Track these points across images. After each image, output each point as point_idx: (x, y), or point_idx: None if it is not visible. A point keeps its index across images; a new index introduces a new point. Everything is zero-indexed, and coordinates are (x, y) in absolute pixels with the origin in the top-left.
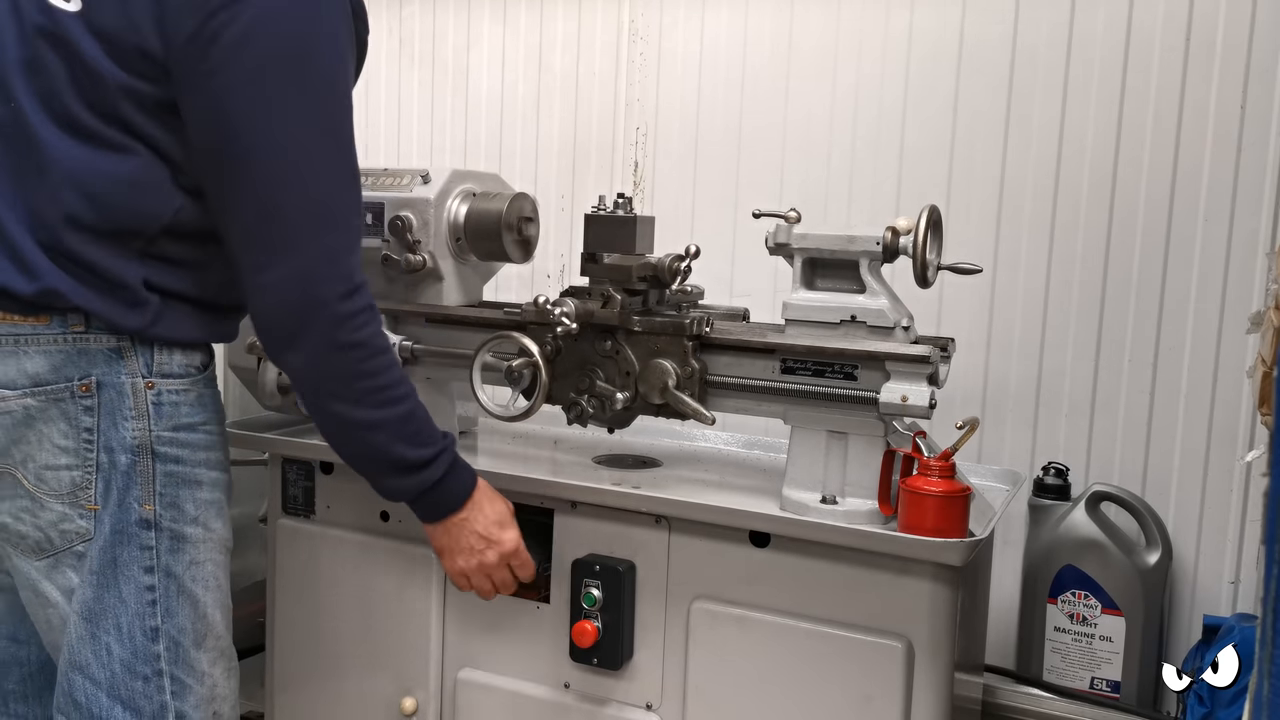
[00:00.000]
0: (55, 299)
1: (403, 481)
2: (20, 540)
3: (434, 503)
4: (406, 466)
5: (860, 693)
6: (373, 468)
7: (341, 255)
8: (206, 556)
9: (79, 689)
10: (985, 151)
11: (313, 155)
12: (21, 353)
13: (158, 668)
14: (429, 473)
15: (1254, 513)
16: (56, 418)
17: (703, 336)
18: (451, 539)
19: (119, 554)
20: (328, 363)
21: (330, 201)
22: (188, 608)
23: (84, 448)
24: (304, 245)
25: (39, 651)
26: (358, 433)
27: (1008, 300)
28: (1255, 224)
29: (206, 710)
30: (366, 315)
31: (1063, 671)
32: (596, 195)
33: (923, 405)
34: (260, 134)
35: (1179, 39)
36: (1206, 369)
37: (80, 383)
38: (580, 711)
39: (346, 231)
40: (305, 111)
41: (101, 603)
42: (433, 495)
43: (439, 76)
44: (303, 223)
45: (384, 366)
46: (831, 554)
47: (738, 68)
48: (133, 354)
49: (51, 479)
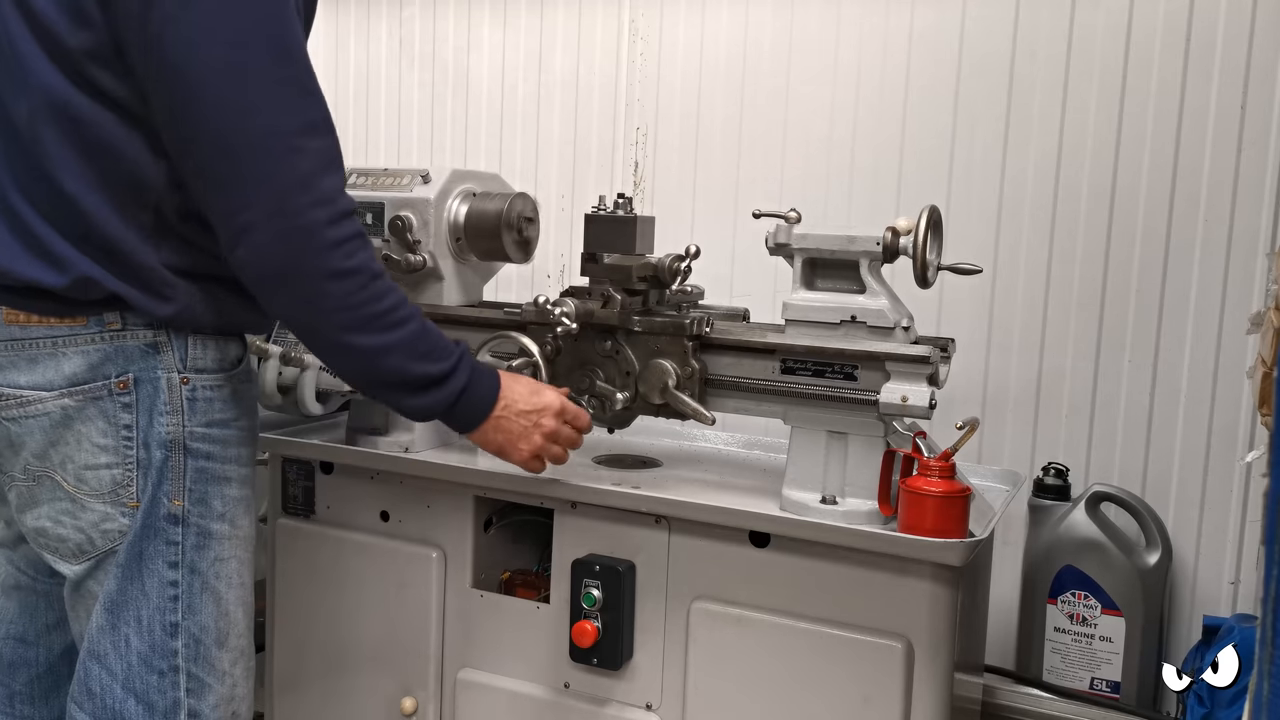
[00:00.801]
0: (90, 289)
1: (430, 398)
2: (60, 544)
3: (468, 410)
4: (429, 383)
5: (860, 693)
6: (396, 393)
7: (315, 179)
8: (231, 554)
9: (95, 678)
10: (985, 151)
11: (264, 78)
12: (60, 354)
13: (174, 664)
14: (453, 383)
15: (1254, 513)
16: (95, 416)
17: (703, 336)
18: (503, 433)
19: (145, 548)
20: (325, 294)
21: (289, 124)
22: (211, 605)
23: (124, 445)
24: (273, 175)
25: (47, 653)
26: (372, 360)
27: (1008, 300)
28: (1255, 224)
29: (225, 710)
30: (358, 242)
31: (1063, 672)
32: (596, 195)
33: (923, 405)
34: (203, 62)
35: (1179, 39)
36: (1206, 369)
37: (118, 380)
38: (580, 712)
39: (315, 154)
40: (248, 32)
41: (124, 594)
42: (464, 403)
43: (439, 77)
44: (265, 151)
45: (384, 290)
46: (831, 554)
47: (738, 68)
48: (169, 348)
49: (92, 479)
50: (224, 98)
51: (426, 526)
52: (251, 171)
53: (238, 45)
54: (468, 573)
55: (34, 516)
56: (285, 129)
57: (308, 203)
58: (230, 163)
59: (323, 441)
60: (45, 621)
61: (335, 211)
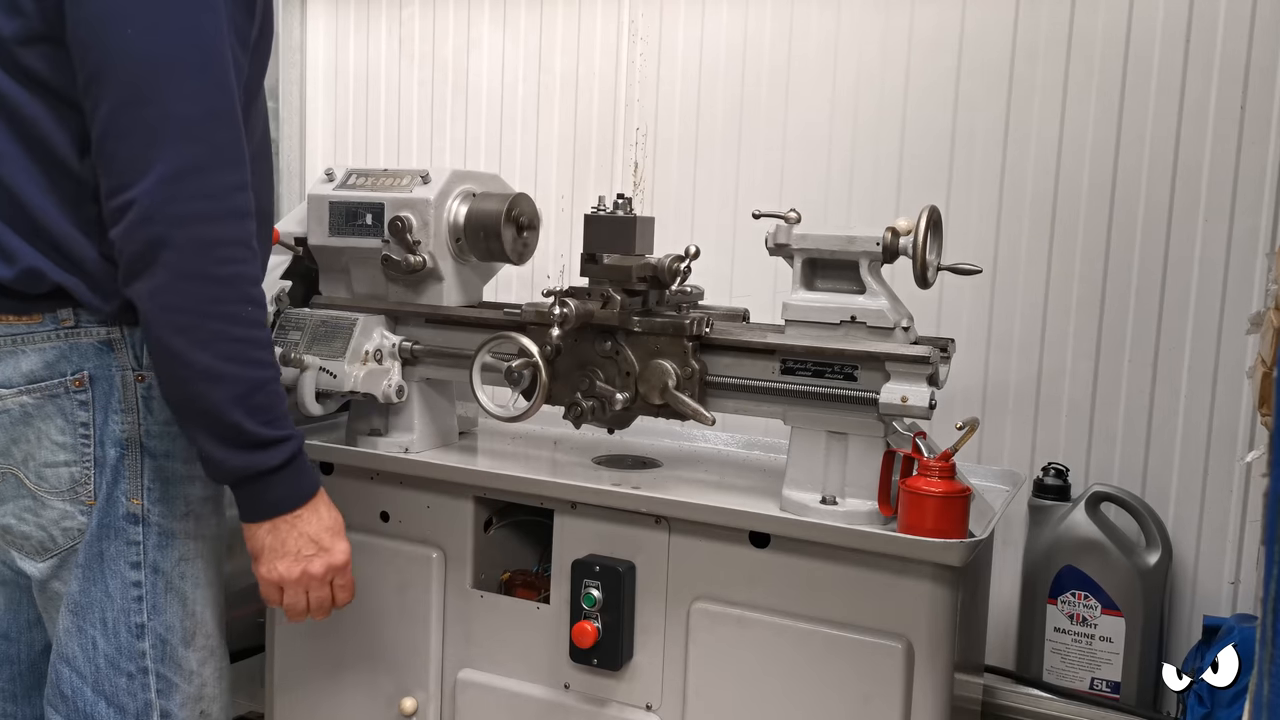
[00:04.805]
0: (37, 281)
1: (232, 456)
2: (24, 541)
3: (264, 494)
4: (240, 439)
5: (860, 693)
6: (200, 426)
7: (207, 171)
8: (197, 553)
9: (66, 681)
10: (985, 151)
11: (171, 63)
12: (19, 352)
13: (142, 665)
14: (265, 456)
15: (1254, 513)
16: (53, 414)
17: (703, 337)
18: (277, 539)
19: (105, 548)
20: (178, 290)
21: (188, 111)
22: (176, 605)
23: (81, 443)
24: (162, 159)
25: (28, 650)
26: (192, 378)
27: (1008, 300)
28: (1255, 224)
29: (194, 709)
30: (241, 252)
31: (1063, 672)
32: (596, 195)
33: (922, 406)
34: (113, 40)
35: (1179, 39)
36: (1206, 369)
37: (73, 377)
38: (580, 712)
39: (212, 146)
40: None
41: (88, 596)
42: (264, 484)
43: (439, 76)
44: (160, 135)
45: (250, 320)
46: (831, 554)
47: (738, 68)
48: (123, 346)
49: (51, 476)
50: (127, 79)
51: (426, 527)
52: (143, 153)
53: (147, 29)
54: (468, 573)
55: (0, 514)
56: (183, 115)
57: (190, 192)
58: (125, 143)
59: (323, 442)
60: (27, 617)
61: (220, 208)
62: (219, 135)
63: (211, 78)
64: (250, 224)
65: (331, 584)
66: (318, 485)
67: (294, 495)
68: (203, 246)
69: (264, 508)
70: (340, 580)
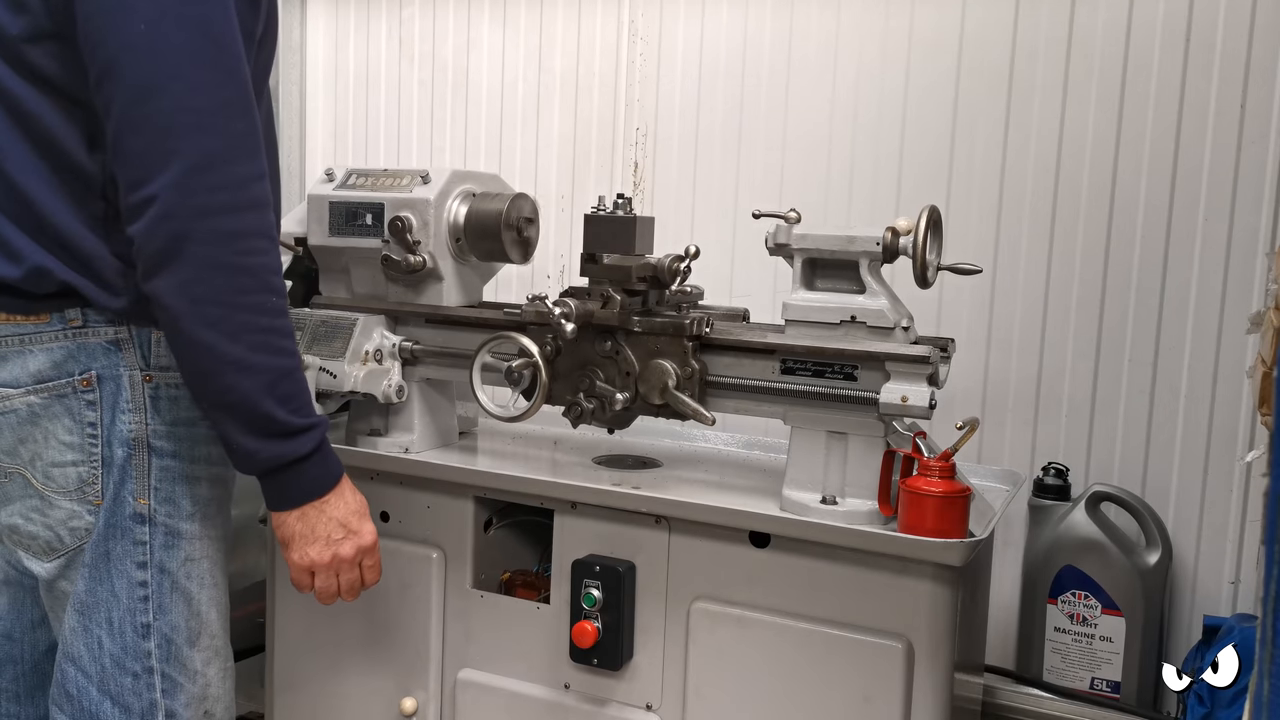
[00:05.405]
0: (44, 280)
1: (263, 446)
2: (31, 541)
3: (295, 482)
4: (271, 429)
5: (860, 693)
6: (230, 418)
7: (225, 163)
8: (203, 554)
9: (71, 681)
10: (985, 151)
11: (182, 55)
12: (27, 352)
13: (148, 665)
14: (295, 444)
15: (1254, 513)
16: (61, 414)
17: (703, 337)
18: (306, 525)
19: (112, 548)
20: (205, 283)
21: (202, 103)
22: (181, 605)
23: (89, 443)
24: (180, 151)
25: (32, 650)
26: (223, 370)
27: (1008, 300)
28: (1255, 223)
29: (198, 709)
30: (262, 243)
31: (1063, 672)
32: (596, 195)
33: (923, 405)
34: (123, 33)
35: (1179, 39)
36: (1206, 369)
37: (81, 377)
38: (580, 712)
39: (229, 137)
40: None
41: (94, 595)
42: (294, 472)
43: (439, 76)
44: (175, 128)
45: (275, 309)
46: (831, 554)
47: (738, 68)
48: (130, 346)
49: (59, 476)
50: (138, 72)
51: (426, 527)
52: (160, 147)
53: (155, 20)
54: (468, 573)
55: (7, 514)
56: (197, 107)
57: (210, 184)
58: (141, 138)
59: None
60: (31, 618)
61: (241, 199)
62: (234, 125)
63: (223, 68)
64: (270, 214)
65: (360, 565)
66: (342, 470)
67: (322, 481)
68: (226, 238)
69: (294, 495)
70: (369, 561)
